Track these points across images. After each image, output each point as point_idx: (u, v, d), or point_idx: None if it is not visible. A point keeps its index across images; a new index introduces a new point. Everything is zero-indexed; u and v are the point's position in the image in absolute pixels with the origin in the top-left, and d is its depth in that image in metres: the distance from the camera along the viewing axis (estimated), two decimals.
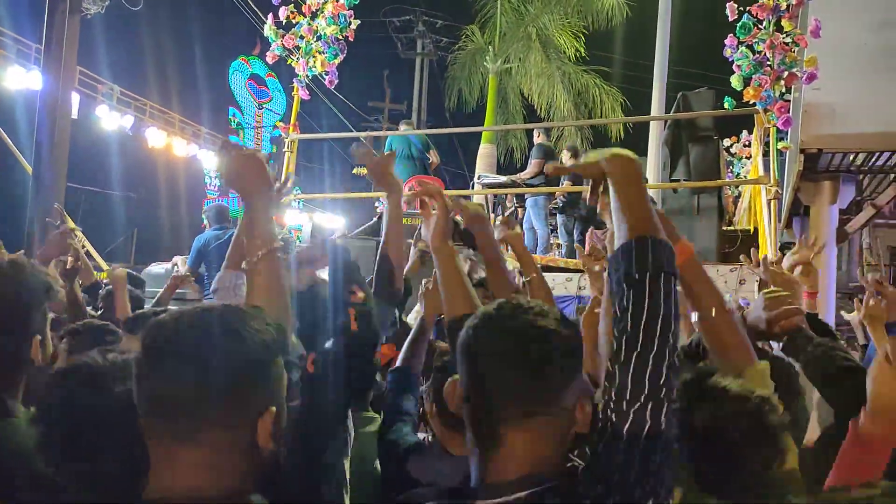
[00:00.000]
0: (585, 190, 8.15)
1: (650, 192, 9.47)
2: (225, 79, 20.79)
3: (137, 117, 13.44)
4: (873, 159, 6.57)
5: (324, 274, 1.89)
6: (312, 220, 13.34)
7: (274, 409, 1.03)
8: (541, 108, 15.56)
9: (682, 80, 12.77)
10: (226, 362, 0.98)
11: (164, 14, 17.74)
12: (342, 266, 1.79)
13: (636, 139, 16.15)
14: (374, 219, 7.76)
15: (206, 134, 17.64)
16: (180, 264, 5.83)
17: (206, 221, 6.15)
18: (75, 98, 7.82)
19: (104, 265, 8.21)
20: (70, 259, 2.64)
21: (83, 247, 3.09)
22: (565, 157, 8.64)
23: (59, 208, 3.27)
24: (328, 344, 1.63)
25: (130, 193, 19.19)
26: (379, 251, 2.17)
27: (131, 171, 17.74)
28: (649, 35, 13.26)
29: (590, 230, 8.38)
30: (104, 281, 7.66)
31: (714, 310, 1.48)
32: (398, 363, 2.10)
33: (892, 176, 7.00)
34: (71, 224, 3.21)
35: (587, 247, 8.03)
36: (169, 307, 3.34)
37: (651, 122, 12.29)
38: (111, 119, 12.36)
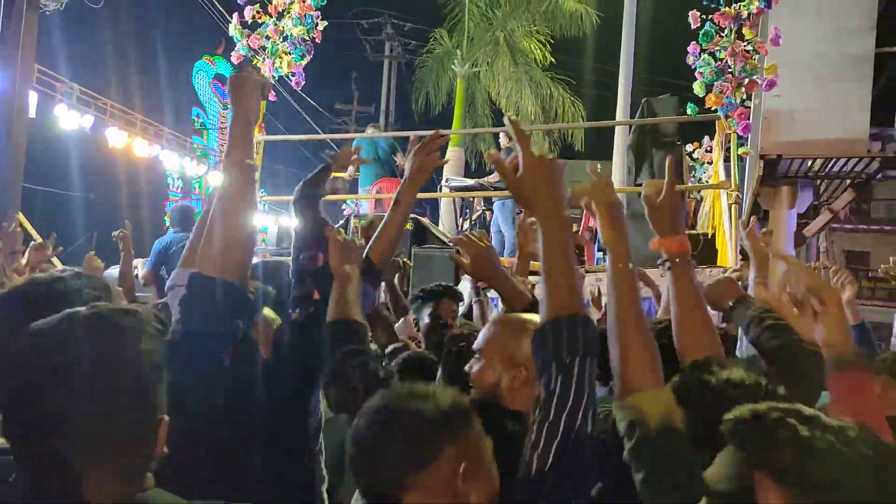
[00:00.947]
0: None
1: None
2: (188, 78, 20.44)
3: (98, 117, 13.09)
4: (830, 165, 6.77)
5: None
6: (279, 222, 13.17)
7: (167, 417, 1.00)
8: (508, 112, 15.67)
9: (647, 87, 12.99)
10: (108, 374, 0.92)
11: (125, 11, 17.35)
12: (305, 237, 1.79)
13: (602, 144, 16.37)
14: (341, 221, 7.70)
15: (168, 134, 17.27)
16: (140, 268, 5.68)
17: (168, 223, 6.02)
18: (33, 97, 7.60)
19: (59, 266, 7.99)
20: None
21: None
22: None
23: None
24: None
25: (90, 195, 18.73)
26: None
27: (91, 172, 17.31)
28: (615, 42, 13.46)
29: None
30: None
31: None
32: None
33: (848, 181, 7.23)
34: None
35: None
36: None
37: (616, 128, 12.47)
38: (70, 118, 12.01)
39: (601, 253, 8.50)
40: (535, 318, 1.56)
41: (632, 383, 1.24)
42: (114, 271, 6.49)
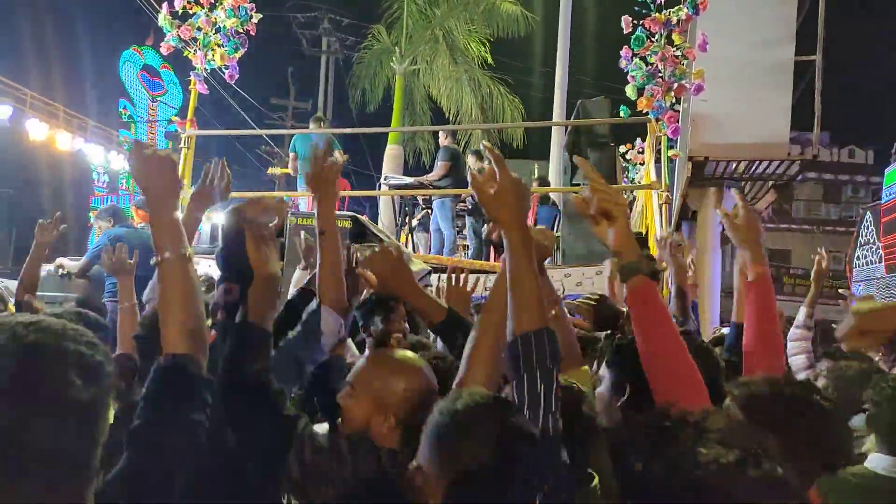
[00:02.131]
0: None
1: (553, 196, 9.73)
2: (115, 69, 19.62)
3: (17, 108, 12.42)
4: (754, 167, 7.07)
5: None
6: (211, 219, 12.81)
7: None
8: (448, 111, 15.71)
9: (582, 89, 13.27)
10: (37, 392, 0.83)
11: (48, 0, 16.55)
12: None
13: (539, 144, 16.62)
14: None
15: (93, 127, 16.54)
16: (67, 265, 5.42)
17: (97, 221, 5.77)
18: None
19: None
20: None
21: None
22: (471, 161, 8.74)
23: None
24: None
25: (9, 189, 17.77)
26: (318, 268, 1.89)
27: (10, 166, 16.44)
28: (551, 44, 13.69)
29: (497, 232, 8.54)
30: None
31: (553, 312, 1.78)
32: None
33: (771, 183, 7.57)
34: None
35: (492, 249, 8.09)
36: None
37: (553, 128, 12.69)
38: None
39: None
40: (410, 356, 1.64)
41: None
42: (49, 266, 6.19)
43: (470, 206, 8.30)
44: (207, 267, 6.40)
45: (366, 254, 1.94)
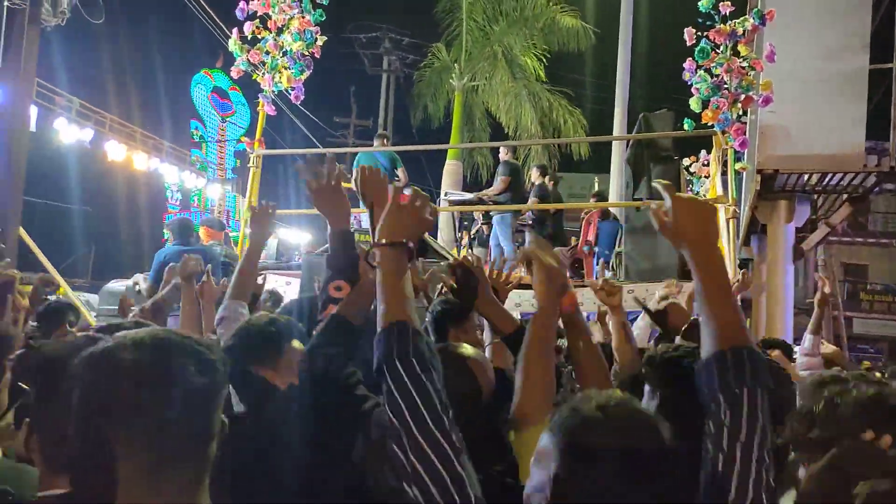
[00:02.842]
0: (553, 207, 8.17)
1: (614, 210, 9.62)
2: (187, 91, 20.54)
3: (97, 130, 13.14)
4: (827, 179, 6.81)
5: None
6: (278, 235, 13.20)
7: (225, 426, 1.07)
8: (508, 127, 15.74)
9: (644, 102, 13.09)
10: (175, 389, 0.99)
11: (125, 26, 17.46)
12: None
13: (600, 158, 16.46)
14: None
15: (167, 147, 17.35)
16: (141, 282, 5.68)
17: (167, 235, 6.02)
18: (33, 111, 7.63)
19: (62, 281, 7.99)
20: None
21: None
22: (534, 176, 8.74)
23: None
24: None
25: (88, 208, 18.75)
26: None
27: (90, 185, 17.34)
28: (611, 57, 13.57)
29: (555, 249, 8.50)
30: (55, 297, 7.42)
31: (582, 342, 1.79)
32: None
33: (845, 196, 7.27)
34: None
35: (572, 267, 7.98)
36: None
37: (614, 142, 12.54)
38: (70, 132, 12.06)
39: (597, 266, 8.51)
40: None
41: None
42: (115, 285, 6.51)
43: (530, 221, 8.28)
44: (274, 282, 6.61)
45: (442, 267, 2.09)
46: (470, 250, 8.84)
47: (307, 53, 7.74)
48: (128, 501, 1.00)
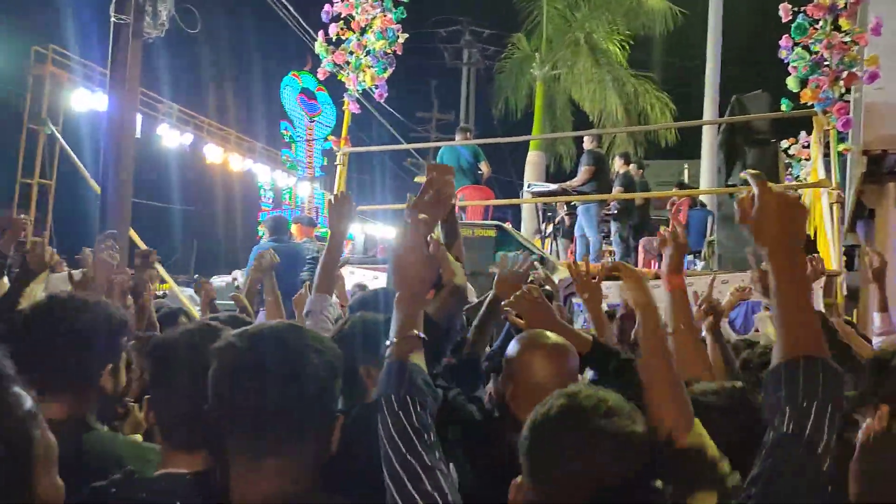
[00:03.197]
0: (637, 196, 7.94)
1: (703, 198, 9.25)
2: (277, 94, 21.31)
3: (196, 134, 13.90)
4: None
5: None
6: (364, 231, 13.53)
7: (342, 418, 1.11)
8: (592, 115, 15.40)
9: (736, 83, 12.48)
10: (306, 379, 1.05)
11: (219, 35, 18.37)
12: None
13: (688, 144, 15.86)
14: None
15: (260, 148, 18.14)
16: (239, 277, 5.99)
17: (262, 232, 6.31)
18: (138, 118, 8.15)
19: (168, 277, 8.52)
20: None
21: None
22: (618, 164, 8.54)
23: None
24: None
25: (189, 207, 19.87)
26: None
27: (190, 186, 18.38)
28: (700, 38, 13.03)
29: (643, 238, 8.28)
30: (162, 292, 7.90)
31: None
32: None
33: None
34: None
35: (640, 255, 7.88)
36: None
37: (704, 127, 12.05)
38: (171, 137, 12.83)
39: (690, 256, 8.23)
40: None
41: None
42: (216, 281, 6.87)
43: (615, 211, 8.11)
44: (361, 276, 6.79)
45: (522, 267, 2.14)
46: (553, 241, 8.75)
47: (389, 51, 7.87)
48: (238, 485, 1.05)
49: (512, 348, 1.74)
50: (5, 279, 3.09)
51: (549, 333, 1.75)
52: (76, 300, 1.59)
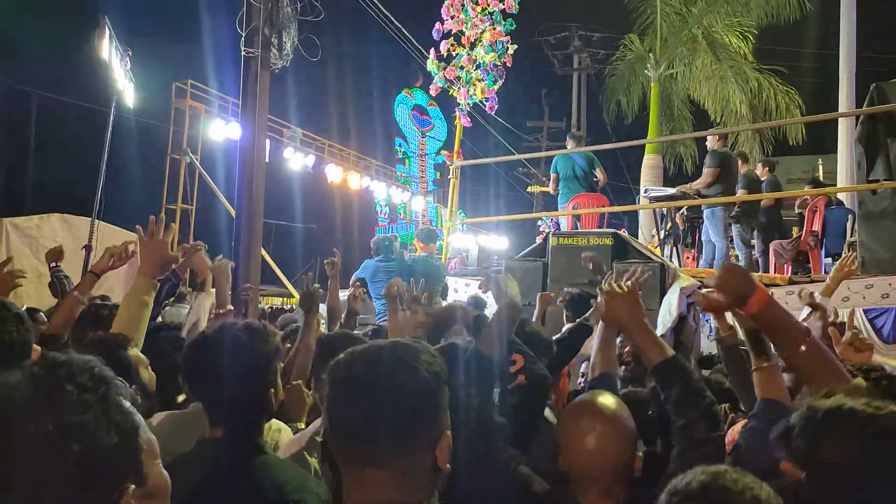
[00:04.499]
0: (765, 197, 7.50)
1: (841, 196, 8.56)
2: (391, 112, 22.02)
3: (318, 156, 14.65)
4: None
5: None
6: (479, 242, 13.65)
7: (449, 433, 1.12)
8: (714, 112, 14.65)
9: (875, 70, 11.47)
10: (408, 394, 1.07)
11: (336, 59, 19.24)
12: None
13: (819, 139, 14.76)
14: (539, 240, 7.76)
15: (376, 166, 18.82)
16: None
17: (373, 249, 6.61)
18: (266, 144, 8.72)
19: (294, 293, 9.01)
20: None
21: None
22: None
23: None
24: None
25: (313, 225, 20.89)
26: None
27: (312, 206, 19.31)
28: (831, 23, 12.12)
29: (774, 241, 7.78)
30: (290, 306, 8.33)
31: (801, 347, 1.52)
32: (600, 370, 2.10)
33: None
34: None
35: (771, 258, 7.44)
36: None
37: (840, 119, 11.17)
38: (296, 159, 13.61)
39: (829, 259, 7.66)
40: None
41: None
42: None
43: (736, 213, 7.69)
44: (476, 288, 6.86)
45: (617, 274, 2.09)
46: (673, 248, 8.42)
47: (499, 64, 7.94)
48: (349, 495, 1.09)
49: (562, 418, 1.68)
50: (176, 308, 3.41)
51: (602, 400, 1.60)
52: (243, 329, 1.70)
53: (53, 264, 4.74)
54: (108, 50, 8.51)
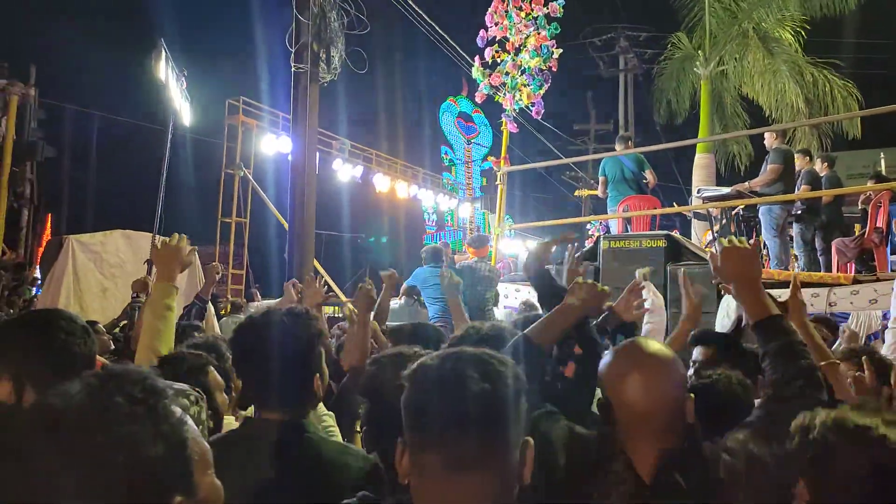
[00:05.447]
0: (826, 194, 7.26)
1: None
2: (436, 120, 22.16)
3: (366, 166, 14.85)
4: None
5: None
6: (527, 247, 13.59)
7: (532, 441, 1.11)
8: (770, 108, 14.20)
9: None
10: (500, 396, 1.08)
11: (382, 70, 19.53)
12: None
13: (880, 132, 14.18)
14: (589, 243, 7.70)
15: (423, 174, 18.96)
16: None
17: (423, 257, 6.66)
18: (316, 156, 8.89)
19: (345, 299, 9.14)
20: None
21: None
22: (799, 162, 7.86)
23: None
24: None
25: (360, 235, 21.17)
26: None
27: (360, 216, 19.60)
28: (891, 11, 11.65)
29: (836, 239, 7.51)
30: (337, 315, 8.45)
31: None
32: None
33: None
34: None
35: (833, 257, 7.20)
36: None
37: None
38: (344, 171, 13.83)
39: (895, 256, 7.35)
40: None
41: None
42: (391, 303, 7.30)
43: (798, 212, 7.45)
44: (528, 293, 6.84)
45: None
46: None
47: (545, 68, 7.91)
48: (431, 498, 1.08)
49: (605, 364, 1.55)
50: (216, 322, 3.58)
51: (650, 343, 1.54)
52: (286, 314, 1.75)
53: (135, 295, 4.92)
54: (165, 71, 8.84)
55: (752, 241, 1.96)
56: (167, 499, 0.83)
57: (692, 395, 1.49)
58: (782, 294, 3.72)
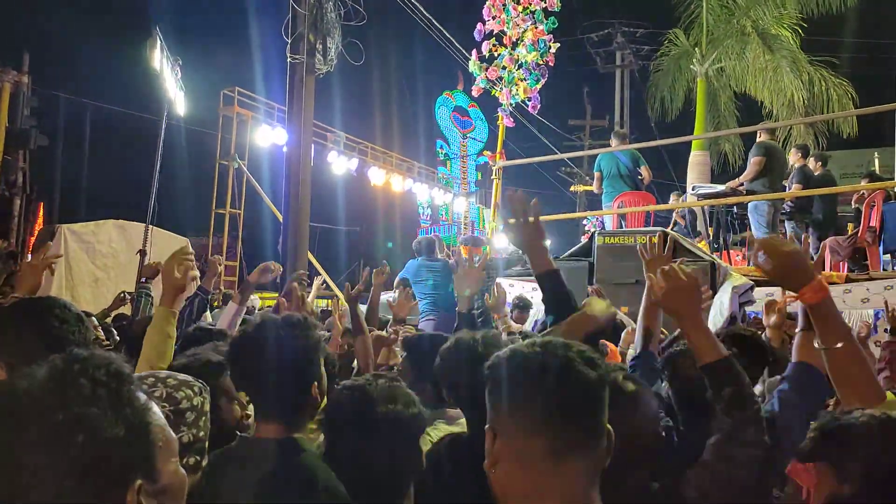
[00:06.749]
0: (818, 192, 7.27)
1: None
2: (432, 114, 22.12)
3: (361, 159, 14.81)
4: None
5: None
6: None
7: (612, 430, 1.11)
8: (772, 104, 14.19)
9: None
10: (590, 380, 1.08)
11: (378, 62, 19.46)
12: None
13: (874, 131, 14.22)
14: (584, 239, 7.70)
15: (418, 168, 18.92)
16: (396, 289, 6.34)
17: (415, 250, 6.63)
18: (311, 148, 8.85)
19: (340, 294, 9.13)
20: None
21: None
22: (793, 158, 7.88)
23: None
24: None
25: (357, 227, 21.13)
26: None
27: (356, 208, 19.56)
28: (890, 10, 11.68)
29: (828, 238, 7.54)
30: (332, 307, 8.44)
31: (838, 343, 1.54)
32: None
33: None
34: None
35: (827, 256, 7.23)
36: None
37: None
38: (339, 163, 13.78)
39: (887, 255, 7.39)
40: None
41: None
42: (383, 296, 7.28)
43: (789, 210, 7.47)
44: (521, 289, 6.83)
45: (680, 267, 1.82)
46: (725, 248, 8.23)
47: (542, 63, 7.90)
48: (536, 488, 1.07)
49: None
50: (209, 314, 3.56)
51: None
52: (283, 323, 1.72)
53: (144, 280, 4.83)
54: (160, 60, 8.77)
55: (693, 270, 1.83)
56: (126, 481, 0.82)
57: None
58: (775, 293, 3.74)
